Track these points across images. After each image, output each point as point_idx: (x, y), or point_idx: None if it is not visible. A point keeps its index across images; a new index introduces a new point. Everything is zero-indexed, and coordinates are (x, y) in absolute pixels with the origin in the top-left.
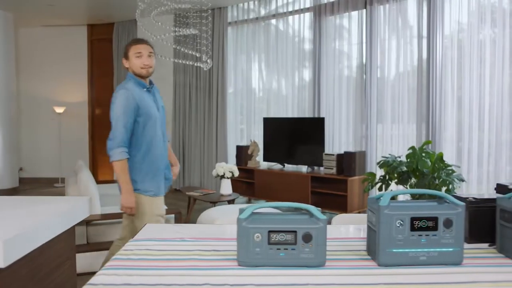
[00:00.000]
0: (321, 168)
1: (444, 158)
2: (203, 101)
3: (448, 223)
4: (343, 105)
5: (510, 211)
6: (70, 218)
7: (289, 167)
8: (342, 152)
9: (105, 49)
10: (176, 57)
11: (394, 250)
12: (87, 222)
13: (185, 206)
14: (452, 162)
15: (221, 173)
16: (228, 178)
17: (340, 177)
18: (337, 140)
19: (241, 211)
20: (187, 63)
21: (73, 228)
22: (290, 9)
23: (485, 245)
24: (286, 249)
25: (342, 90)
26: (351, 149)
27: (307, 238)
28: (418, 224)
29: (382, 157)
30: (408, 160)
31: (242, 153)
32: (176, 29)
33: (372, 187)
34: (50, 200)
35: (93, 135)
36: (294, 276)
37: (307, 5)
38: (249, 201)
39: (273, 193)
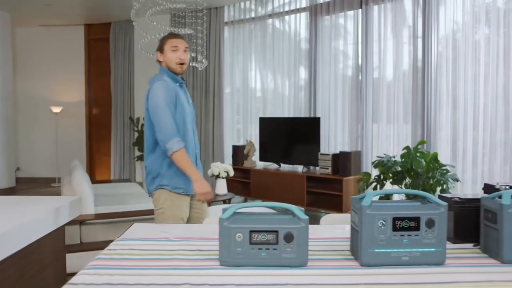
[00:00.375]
0: (317, 168)
1: (439, 158)
2: (200, 101)
3: (430, 223)
4: (338, 105)
5: (494, 211)
6: (59, 217)
7: (285, 167)
8: (337, 152)
9: (102, 48)
10: None
11: (376, 250)
12: (80, 222)
13: None
14: (447, 162)
15: (216, 173)
16: (223, 178)
17: (336, 177)
18: (333, 140)
19: (224, 211)
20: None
21: (62, 227)
22: (287, 9)
23: (470, 245)
24: (268, 249)
25: (338, 90)
26: (347, 149)
27: (289, 238)
28: (400, 224)
29: (377, 157)
30: (403, 160)
31: (238, 153)
32: (172, 29)
33: (367, 187)
34: (40, 200)
35: (90, 134)
36: (275, 276)
37: (303, 5)
38: (245, 201)
39: (269, 193)
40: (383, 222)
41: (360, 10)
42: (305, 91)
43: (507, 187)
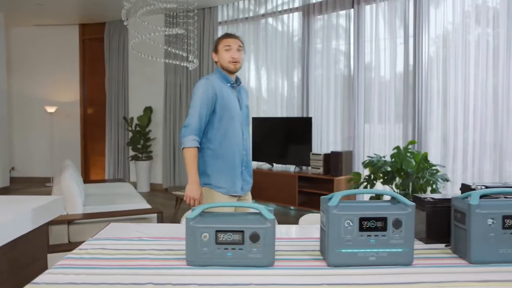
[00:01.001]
0: (309, 168)
1: (430, 158)
2: None
3: (397, 224)
4: (331, 105)
5: (462, 211)
6: (37, 217)
7: (277, 166)
8: (329, 152)
9: (97, 48)
10: (167, 57)
11: (343, 251)
12: (68, 222)
13: (174, 205)
14: (437, 162)
15: None
16: None
17: (327, 177)
18: (325, 140)
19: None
20: (175, 62)
21: (44, 227)
22: (280, 8)
23: (442, 245)
24: (234, 249)
25: (330, 89)
26: (339, 149)
27: (255, 238)
28: (367, 225)
29: (368, 157)
30: (393, 160)
31: None
32: (163, 28)
33: (358, 187)
34: (20, 200)
35: (85, 134)
36: (239, 276)
37: (296, 5)
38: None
39: (261, 192)
40: (350, 223)
41: (352, 10)
42: (297, 91)
43: (483, 187)
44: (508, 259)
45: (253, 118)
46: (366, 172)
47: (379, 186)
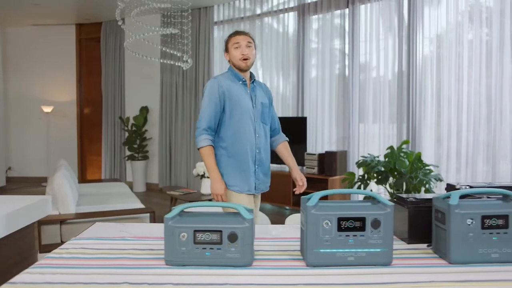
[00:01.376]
0: (304, 168)
1: (424, 158)
2: (189, 101)
3: (375, 224)
4: (326, 105)
5: (443, 211)
6: (25, 217)
7: (272, 166)
8: (324, 151)
9: (93, 48)
10: (163, 57)
11: (322, 250)
12: (61, 221)
13: (169, 205)
14: (431, 162)
15: (201, 173)
16: (208, 177)
17: (321, 176)
18: (320, 140)
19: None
20: (169, 62)
21: (30, 227)
22: (275, 8)
23: (424, 245)
24: (212, 248)
25: (325, 89)
26: (334, 148)
27: (233, 238)
28: (345, 225)
29: (361, 156)
30: (386, 159)
31: None
32: (157, 28)
33: (352, 187)
34: (8, 199)
35: (81, 134)
36: (216, 276)
37: (292, 5)
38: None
39: None
40: (328, 222)
41: (347, 9)
42: (293, 90)
43: (467, 186)
44: (487, 259)
45: None
46: (360, 172)
47: (373, 186)
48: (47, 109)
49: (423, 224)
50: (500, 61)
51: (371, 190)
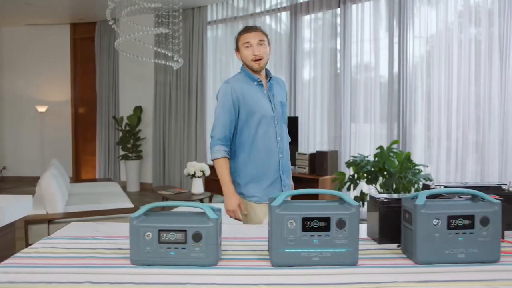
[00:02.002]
0: (295, 168)
1: (415, 158)
2: (183, 100)
3: (340, 224)
4: (317, 104)
5: (410, 211)
6: (4, 216)
7: None
8: (315, 151)
9: (88, 48)
10: (157, 57)
11: (287, 250)
12: (49, 221)
13: None
14: (422, 162)
15: (192, 172)
16: (199, 177)
17: (312, 176)
18: (312, 140)
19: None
20: (160, 62)
21: (11, 226)
22: (268, 8)
23: (395, 245)
24: (177, 248)
25: (317, 89)
26: (325, 148)
27: (197, 237)
28: (310, 225)
29: (351, 156)
30: (376, 159)
31: None
32: (147, 28)
33: (342, 187)
34: None
35: (76, 134)
36: (178, 275)
37: (284, 4)
38: None
39: None
40: (293, 222)
41: (339, 9)
42: None
43: (441, 186)
44: (453, 259)
45: None
46: (351, 171)
47: (363, 186)
48: (42, 108)
49: (394, 224)
50: (489, 61)
51: (362, 190)
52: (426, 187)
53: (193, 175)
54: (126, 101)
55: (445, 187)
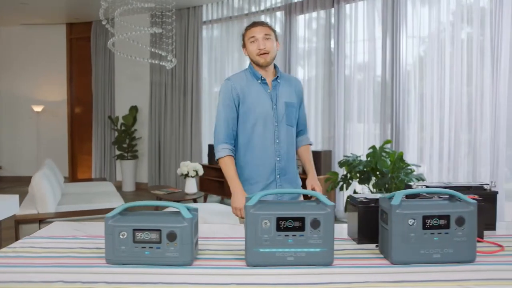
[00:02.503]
0: None
1: (409, 158)
2: (178, 100)
3: (315, 224)
4: (312, 104)
5: (386, 211)
6: None
7: None
8: None
9: (84, 47)
10: (152, 56)
11: (261, 250)
12: (40, 220)
13: None
14: (415, 162)
15: (185, 172)
16: (192, 177)
17: (305, 176)
18: None
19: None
20: (154, 62)
21: None
22: (262, 8)
23: (374, 245)
24: (151, 247)
25: (311, 89)
26: (319, 148)
27: (172, 237)
28: (284, 224)
29: (344, 156)
30: (368, 159)
31: (214, 152)
32: (141, 27)
33: (335, 187)
34: None
35: (72, 133)
36: (152, 275)
37: (279, 4)
38: (222, 200)
39: None
40: (267, 222)
41: (333, 9)
42: None
43: (424, 186)
44: (429, 259)
45: None
46: (344, 171)
47: (356, 186)
48: (38, 108)
49: (373, 225)
50: (481, 62)
51: (354, 190)
52: (408, 187)
53: (187, 175)
54: (122, 101)
55: (427, 187)
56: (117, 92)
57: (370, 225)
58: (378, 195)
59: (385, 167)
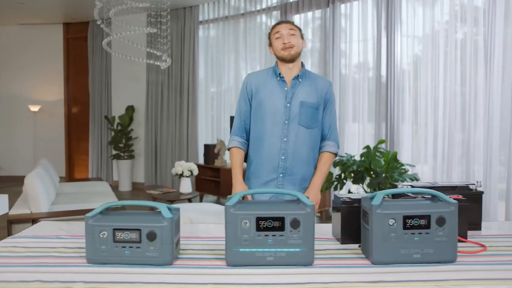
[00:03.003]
0: None
1: (403, 158)
2: (175, 100)
3: (295, 224)
4: None
5: (367, 211)
6: None
7: None
8: None
9: (81, 47)
10: (149, 56)
11: (241, 250)
12: (33, 220)
13: None
14: (410, 162)
15: (179, 172)
16: (187, 176)
17: None
18: None
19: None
20: (149, 61)
21: None
22: (259, 7)
23: (356, 245)
24: (131, 247)
25: None
26: None
27: (151, 236)
28: (264, 224)
29: (338, 156)
30: (362, 159)
31: (210, 152)
32: (136, 27)
33: (330, 187)
34: None
35: (69, 133)
36: (130, 274)
37: (274, 4)
38: (217, 200)
39: None
40: (247, 222)
41: (328, 9)
42: None
43: (409, 186)
44: (409, 259)
45: (231, 117)
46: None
47: (350, 186)
48: (35, 108)
49: (356, 224)
50: (475, 62)
51: (349, 190)
52: (394, 186)
53: (181, 175)
54: (119, 101)
55: (412, 187)
56: (113, 92)
57: (353, 225)
58: (361, 195)
59: (379, 167)
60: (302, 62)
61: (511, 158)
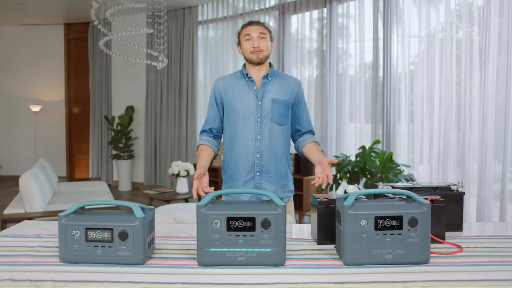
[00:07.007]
0: None
1: (399, 159)
2: (174, 100)
3: (265, 224)
4: None
5: (340, 212)
6: None
7: None
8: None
9: (81, 48)
10: (149, 57)
11: (212, 250)
12: (27, 219)
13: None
14: (405, 162)
15: (176, 172)
16: (183, 176)
17: (297, 176)
18: None
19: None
20: (147, 62)
21: None
22: (257, 8)
23: (332, 246)
24: (104, 246)
25: (304, 89)
26: None
27: (123, 236)
28: (235, 224)
29: (334, 156)
30: (357, 159)
31: None
32: (132, 28)
33: (326, 186)
34: None
35: (70, 133)
36: (101, 273)
37: (272, 4)
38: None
39: None
40: (218, 222)
41: (325, 9)
42: None
43: (389, 187)
44: (381, 260)
45: None
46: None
47: (346, 186)
48: (35, 108)
49: (332, 225)
50: (470, 62)
51: (345, 190)
52: (374, 187)
53: (177, 175)
54: (118, 101)
55: (393, 187)
56: (113, 92)
57: (329, 226)
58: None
59: (374, 167)
60: (270, 63)
61: (506, 159)
